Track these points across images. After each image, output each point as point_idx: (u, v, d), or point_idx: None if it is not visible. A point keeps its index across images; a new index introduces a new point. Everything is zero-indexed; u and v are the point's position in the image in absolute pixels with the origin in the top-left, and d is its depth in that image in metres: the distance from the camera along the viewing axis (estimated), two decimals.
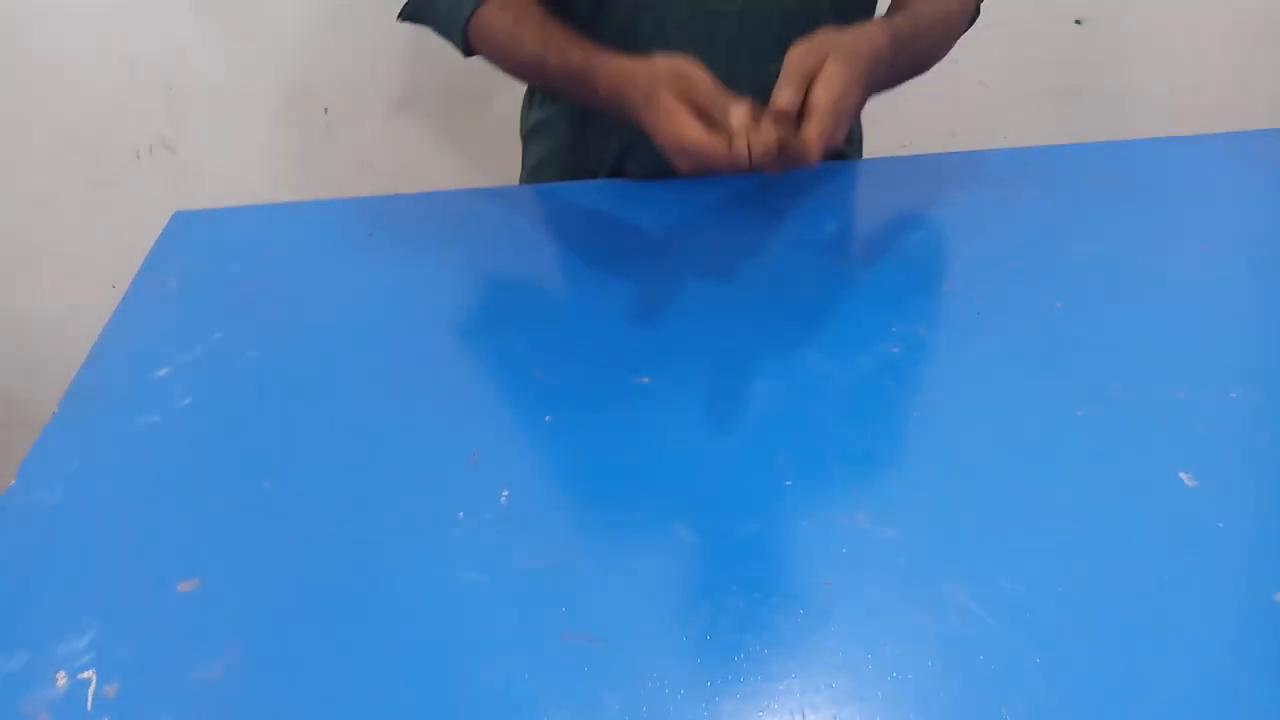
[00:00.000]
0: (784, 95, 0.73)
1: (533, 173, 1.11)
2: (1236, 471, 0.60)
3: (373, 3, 0.98)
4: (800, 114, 0.73)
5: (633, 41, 0.97)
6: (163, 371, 0.76)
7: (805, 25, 0.94)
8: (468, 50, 0.97)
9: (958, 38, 0.98)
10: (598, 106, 0.87)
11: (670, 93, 0.76)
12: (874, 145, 1.45)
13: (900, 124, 1.50)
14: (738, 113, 0.73)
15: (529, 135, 1.11)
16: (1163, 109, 1.51)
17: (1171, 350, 0.71)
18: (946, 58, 1.47)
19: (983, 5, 1.03)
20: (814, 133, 0.72)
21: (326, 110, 1.46)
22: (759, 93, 0.77)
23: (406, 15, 1.01)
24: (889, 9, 0.96)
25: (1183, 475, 0.60)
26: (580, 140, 1.05)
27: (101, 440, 0.70)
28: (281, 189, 1.51)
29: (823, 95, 0.73)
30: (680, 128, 0.74)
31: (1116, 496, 0.59)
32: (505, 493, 0.62)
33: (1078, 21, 1.46)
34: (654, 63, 0.79)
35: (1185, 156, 0.98)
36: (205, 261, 0.91)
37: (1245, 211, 0.88)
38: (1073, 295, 0.77)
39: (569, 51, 0.87)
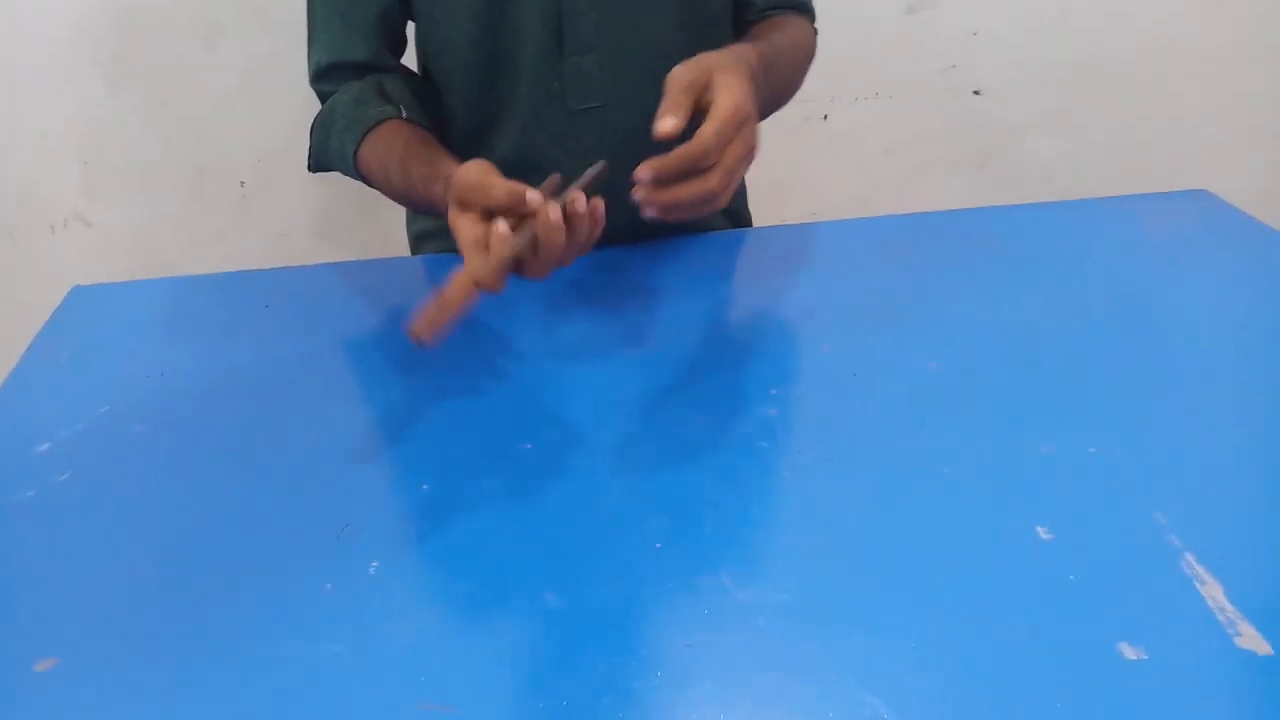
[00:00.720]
0: (666, 122, 0.66)
1: None
2: (1089, 525, 0.62)
3: (285, 75, 0.99)
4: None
5: (511, 153, 0.97)
6: (44, 446, 0.76)
7: None
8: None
9: (805, 73, 1.01)
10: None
11: (455, 202, 0.70)
12: (784, 213, 1.50)
13: (809, 192, 1.54)
14: (535, 197, 0.67)
15: (416, 242, 1.12)
16: (1059, 175, 1.57)
17: (1041, 407, 0.73)
18: (853, 128, 1.52)
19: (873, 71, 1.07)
20: (711, 134, 0.66)
21: (243, 183, 1.46)
22: (626, 181, 0.69)
23: (314, 167, 1.00)
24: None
25: (1039, 529, 0.61)
26: None
27: None
28: (198, 261, 1.51)
29: (725, 101, 0.67)
30: (467, 230, 0.69)
31: (975, 552, 0.60)
32: (375, 563, 0.62)
33: (976, 93, 1.51)
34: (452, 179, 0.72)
35: (1071, 219, 1.01)
36: (99, 335, 0.90)
37: (1124, 271, 0.91)
38: (948, 356, 0.79)
39: (417, 183, 0.83)
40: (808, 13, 1.06)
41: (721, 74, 0.70)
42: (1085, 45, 1.51)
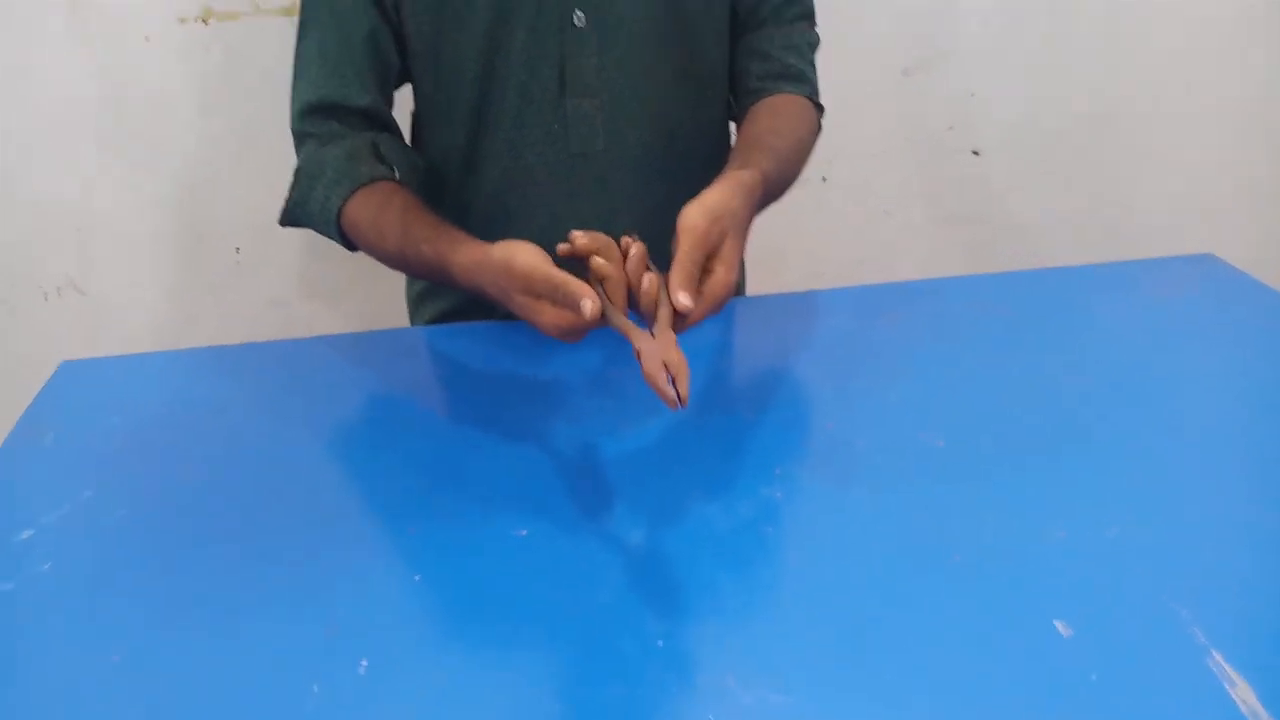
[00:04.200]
0: (681, 298, 0.70)
1: None
2: (1111, 617, 0.59)
3: (279, 142, 0.98)
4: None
5: (505, 191, 0.97)
6: (26, 534, 0.73)
7: (666, 162, 0.97)
8: (351, 246, 0.95)
9: (806, 160, 0.99)
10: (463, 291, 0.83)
11: (519, 292, 0.73)
12: (784, 278, 1.48)
13: (808, 256, 1.53)
14: (589, 306, 0.68)
15: (417, 300, 1.10)
16: (1060, 234, 1.56)
17: (1053, 487, 0.71)
18: (852, 190, 1.52)
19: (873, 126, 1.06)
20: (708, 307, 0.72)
21: (238, 250, 1.45)
22: (623, 224, 0.78)
23: (287, 221, 0.98)
24: (743, 138, 0.95)
25: (1057, 623, 0.59)
26: (470, 303, 1.04)
27: None
28: (194, 330, 1.49)
29: (723, 276, 0.72)
30: (549, 319, 0.72)
31: (989, 650, 0.57)
32: (364, 662, 0.59)
33: (975, 153, 1.51)
34: (493, 257, 0.75)
35: (1078, 285, 1.00)
36: (86, 413, 0.88)
37: (1134, 340, 0.90)
38: (955, 432, 0.77)
39: (423, 245, 0.84)
40: (807, 85, 1.02)
41: (730, 241, 0.73)
42: (1084, 104, 1.51)
